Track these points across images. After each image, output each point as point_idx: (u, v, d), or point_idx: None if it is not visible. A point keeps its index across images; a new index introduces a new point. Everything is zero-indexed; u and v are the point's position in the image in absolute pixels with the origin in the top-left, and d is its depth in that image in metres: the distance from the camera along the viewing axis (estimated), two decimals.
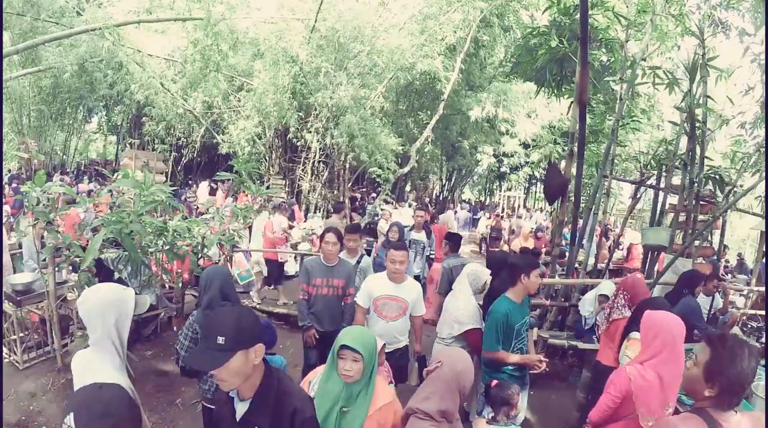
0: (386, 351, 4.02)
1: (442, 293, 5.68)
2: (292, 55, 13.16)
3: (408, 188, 28.52)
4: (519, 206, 28.35)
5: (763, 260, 13.75)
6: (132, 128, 23.11)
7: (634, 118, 9.99)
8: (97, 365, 2.23)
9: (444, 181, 32.70)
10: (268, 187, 14.95)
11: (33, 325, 5.84)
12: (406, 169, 17.51)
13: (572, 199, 7.27)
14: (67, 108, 22.04)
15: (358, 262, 5.68)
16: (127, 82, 14.51)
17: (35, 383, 5.25)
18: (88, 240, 5.26)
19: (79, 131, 26.48)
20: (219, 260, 7.15)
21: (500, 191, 35.22)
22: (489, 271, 4.93)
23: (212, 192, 16.45)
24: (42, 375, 5.41)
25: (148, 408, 4.91)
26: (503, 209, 27.00)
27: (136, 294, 5.91)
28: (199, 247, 6.49)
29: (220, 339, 1.91)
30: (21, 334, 5.60)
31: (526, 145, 19.59)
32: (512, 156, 21.03)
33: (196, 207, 14.43)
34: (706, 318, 6.46)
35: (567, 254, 8.74)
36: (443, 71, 15.79)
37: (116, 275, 6.08)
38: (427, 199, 27.30)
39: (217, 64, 13.45)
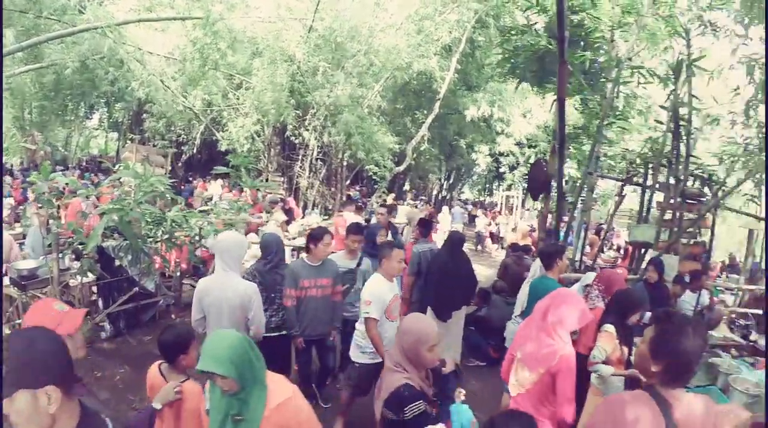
0: None
1: (412, 274, 6.34)
2: (289, 54, 13.38)
3: (407, 187, 28.74)
4: (517, 206, 28.51)
5: (752, 259, 13.99)
6: (133, 125, 23.31)
7: (620, 118, 10.17)
8: None
9: (443, 180, 32.90)
10: (267, 184, 15.23)
11: None
12: (402, 167, 17.75)
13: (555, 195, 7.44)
14: (69, 104, 22.28)
15: (359, 265, 5.36)
16: (128, 79, 14.67)
17: None
18: (90, 229, 5.49)
19: (81, 127, 26.75)
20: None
21: (499, 190, 35.43)
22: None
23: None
24: None
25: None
26: (502, 208, 27.22)
27: (136, 281, 6.17)
28: (197, 238, 6.70)
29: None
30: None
31: (521, 145, 19.82)
32: (507, 155, 21.25)
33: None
34: (692, 313, 6.54)
35: None
36: (439, 71, 16.03)
37: (117, 262, 6.32)
38: (425, 198, 27.47)
39: (216, 63, 13.66)
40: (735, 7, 8.70)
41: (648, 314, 4.92)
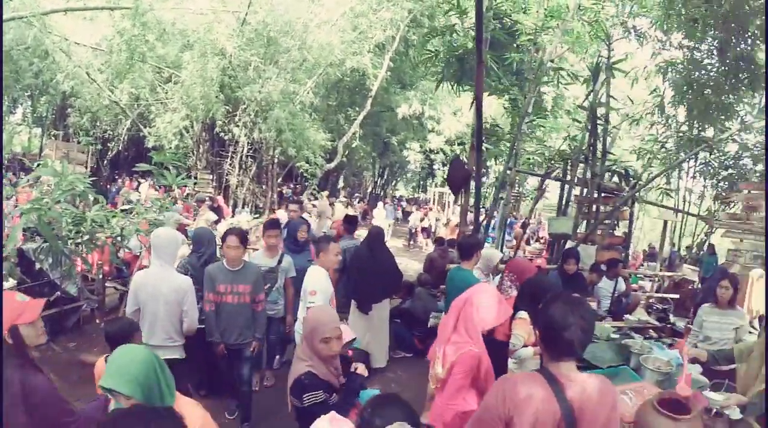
0: None
1: (336, 270, 6.22)
2: (221, 47, 13.05)
3: (341, 184, 28.73)
4: (450, 202, 28.95)
5: (670, 247, 14.89)
6: (57, 120, 22.18)
7: (541, 116, 10.57)
8: None
9: (377, 177, 33.05)
10: (195, 182, 14.89)
11: None
12: (333, 164, 17.76)
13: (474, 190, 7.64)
14: None
15: (280, 262, 5.24)
16: (53, 71, 14.06)
17: None
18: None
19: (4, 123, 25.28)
20: (140, 252, 7.14)
21: (432, 187, 35.91)
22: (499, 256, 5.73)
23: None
24: None
25: (74, 398, 4.95)
26: (435, 204, 27.63)
27: (58, 285, 5.93)
28: (119, 239, 6.50)
29: None
30: None
31: (451, 142, 20.18)
32: (438, 152, 21.58)
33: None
34: (610, 300, 7.05)
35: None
36: (372, 69, 16.14)
37: (37, 265, 6.07)
38: (360, 195, 27.55)
39: (144, 55, 13.23)
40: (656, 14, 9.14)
41: None
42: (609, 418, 2.04)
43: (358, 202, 21.39)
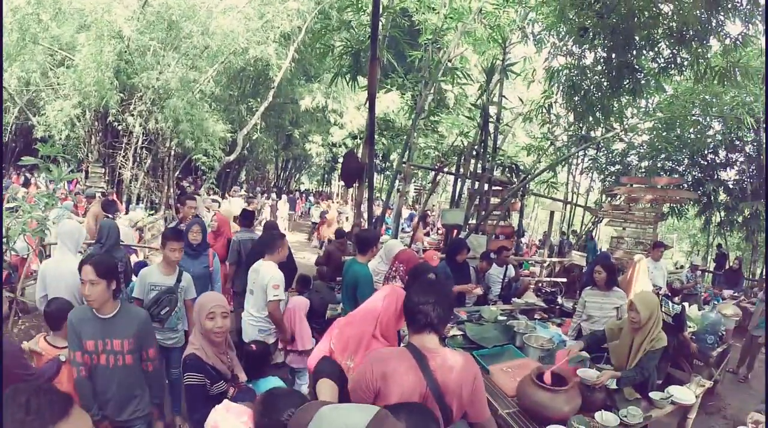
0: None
1: (232, 262, 6.52)
2: (118, 29, 12.31)
3: (243, 177, 28.17)
4: (354, 196, 29.13)
5: (560, 236, 16.03)
6: None
7: (440, 113, 10.97)
8: None
9: (280, 170, 32.65)
10: (87, 175, 14.13)
11: None
12: (232, 157, 17.39)
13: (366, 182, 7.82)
14: None
15: (179, 281, 4.39)
16: None
17: None
18: None
19: None
20: (28, 254, 6.72)
21: (336, 180, 35.88)
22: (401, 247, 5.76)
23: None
24: None
25: None
26: (338, 196, 27.75)
27: None
28: (5, 240, 6.07)
29: None
30: None
31: (355, 136, 20.26)
32: (341, 146, 21.62)
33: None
34: (500, 285, 7.55)
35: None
36: (276, 59, 15.90)
37: None
38: (262, 188, 27.13)
39: (36, 36, 12.40)
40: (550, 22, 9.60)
41: None
42: (474, 388, 2.28)
43: (262, 196, 21.10)
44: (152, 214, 13.99)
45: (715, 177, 15.57)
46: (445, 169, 11.05)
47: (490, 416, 2.45)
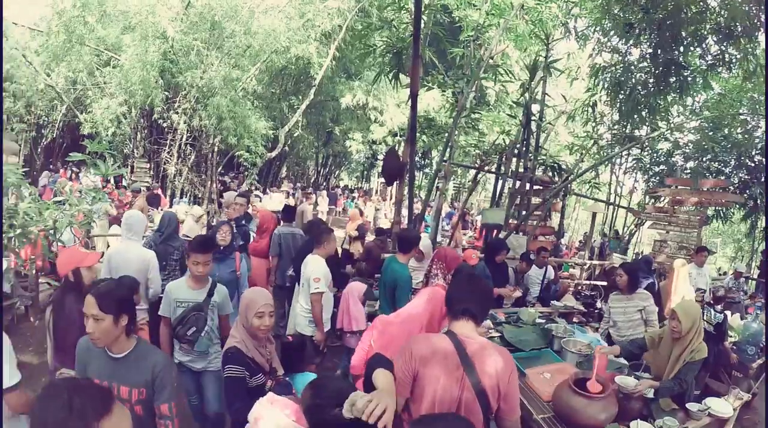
0: None
1: (275, 255, 6.79)
2: (163, 30, 12.71)
3: (284, 173, 28.43)
4: (393, 193, 29.11)
5: (599, 238, 15.62)
6: None
7: (479, 111, 10.85)
8: None
9: (320, 166, 32.86)
10: (132, 171, 14.49)
11: None
12: (274, 153, 17.57)
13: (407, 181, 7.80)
14: None
15: (210, 296, 3.88)
16: None
17: None
18: None
19: None
20: (75, 245, 6.91)
21: (376, 177, 35.88)
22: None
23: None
24: None
25: None
26: (377, 193, 27.79)
27: None
28: (52, 232, 6.27)
29: None
30: None
31: (395, 134, 20.24)
32: (381, 144, 21.63)
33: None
34: (539, 287, 7.40)
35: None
36: (317, 57, 16.02)
37: None
38: (302, 184, 27.36)
39: (82, 37, 12.78)
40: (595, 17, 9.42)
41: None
42: (509, 383, 2.31)
43: (299, 193, 21.31)
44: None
45: (762, 179, 14.97)
46: (486, 168, 10.93)
47: (518, 418, 2.44)
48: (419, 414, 2.18)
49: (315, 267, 4.71)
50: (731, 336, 6.14)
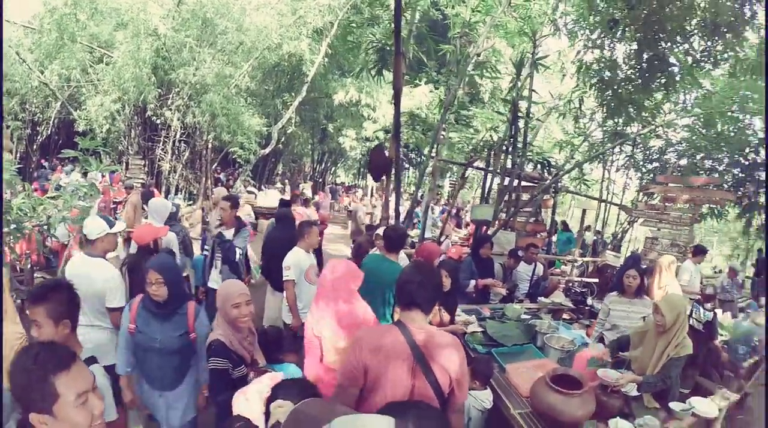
0: None
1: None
2: (155, 27, 12.71)
3: (279, 170, 28.43)
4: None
5: (591, 234, 15.62)
6: None
7: (467, 108, 10.89)
8: None
9: (316, 163, 32.87)
10: (127, 167, 14.55)
11: None
12: (267, 150, 17.61)
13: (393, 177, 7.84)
14: None
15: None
16: None
17: None
18: None
19: None
20: (68, 241, 6.98)
21: None
22: None
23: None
24: None
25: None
26: (372, 191, 27.80)
27: None
28: (46, 227, 6.33)
29: None
30: None
31: (388, 131, 20.29)
32: (374, 140, 21.65)
33: None
34: (528, 283, 7.37)
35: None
36: (309, 54, 16.09)
37: None
38: (300, 181, 27.36)
39: (74, 35, 12.83)
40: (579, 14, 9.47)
41: (472, 282, 6.07)
42: (460, 366, 2.37)
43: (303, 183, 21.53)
44: (191, 204, 14.41)
45: (756, 177, 14.94)
46: (474, 165, 11.00)
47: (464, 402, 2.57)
48: (374, 406, 2.24)
49: (288, 257, 4.92)
50: (722, 335, 6.15)
